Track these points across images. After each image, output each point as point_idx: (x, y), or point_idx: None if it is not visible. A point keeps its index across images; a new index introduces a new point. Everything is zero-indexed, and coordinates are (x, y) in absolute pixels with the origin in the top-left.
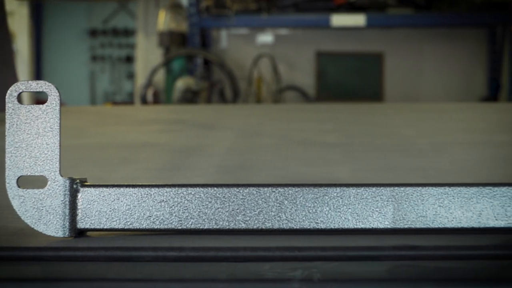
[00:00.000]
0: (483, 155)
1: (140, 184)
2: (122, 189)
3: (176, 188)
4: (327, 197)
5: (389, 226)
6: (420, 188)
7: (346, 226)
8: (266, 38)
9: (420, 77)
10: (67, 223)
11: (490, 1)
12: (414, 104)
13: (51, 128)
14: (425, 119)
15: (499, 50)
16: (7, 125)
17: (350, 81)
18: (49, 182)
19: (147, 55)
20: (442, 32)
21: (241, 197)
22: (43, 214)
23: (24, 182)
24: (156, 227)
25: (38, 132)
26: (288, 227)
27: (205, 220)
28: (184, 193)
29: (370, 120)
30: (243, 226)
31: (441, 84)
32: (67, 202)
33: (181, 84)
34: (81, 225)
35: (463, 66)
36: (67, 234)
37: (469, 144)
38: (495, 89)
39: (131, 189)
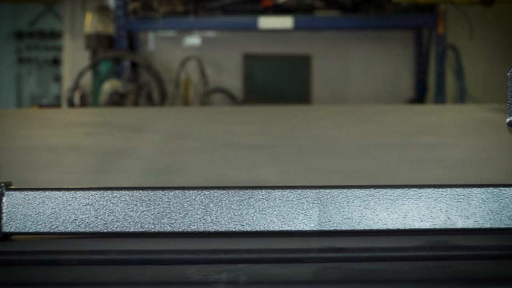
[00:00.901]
0: (409, 157)
1: (66, 187)
2: (47, 192)
3: (102, 191)
4: (252, 200)
5: (314, 228)
6: (346, 190)
7: (271, 229)
8: (193, 40)
9: (348, 79)
10: None
11: (416, 4)
12: (341, 106)
13: None
14: (352, 121)
15: (425, 52)
16: None
17: (277, 83)
18: None
19: (74, 58)
20: (369, 35)
21: (166, 200)
22: None
23: None
24: (81, 230)
25: None
26: (213, 230)
27: (131, 223)
28: (110, 196)
29: (297, 122)
30: (168, 229)
31: (368, 86)
32: None
33: (108, 86)
34: (6, 229)
35: (390, 69)
36: None
37: (395, 146)
38: (422, 91)
39: (56, 192)
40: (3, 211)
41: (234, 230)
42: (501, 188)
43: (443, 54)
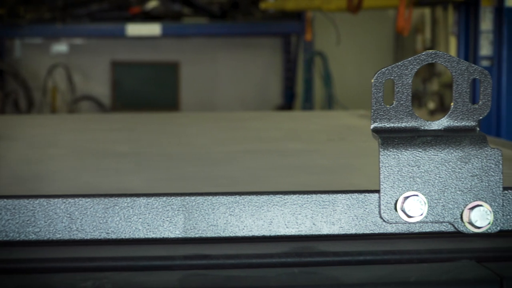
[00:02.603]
0: (275, 163)
1: None
2: None
3: None
4: (117, 207)
5: (180, 236)
6: (211, 197)
7: (137, 236)
8: (61, 47)
9: (216, 86)
10: None
11: (283, 11)
12: (209, 113)
13: None
14: (219, 128)
15: (293, 59)
16: None
17: (146, 90)
18: None
19: None
20: (237, 42)
21: (31, 208)
22: None
23: None
24: None
25: None
26: (79, 238)
27: None
28: None
29: (165, 129)
30: (33, 237)
31: (237, 93)
32: None
33: None
34: None
35: (258, 75)
36: None
37: (261, 153)
38: (290, 97)
39: None
40: None
41: (99, 238)
42: (366, 194)
43: (311, 61)
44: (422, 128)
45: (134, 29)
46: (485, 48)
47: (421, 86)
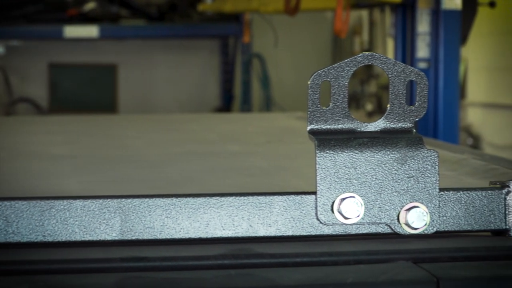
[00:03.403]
0: (212, 166)
1: None
2: None
3: None
4: (54, 210)
5: (116, 238)
6: (148, 199)
7: (73, 239)
8: None
9: (154, 88)
10: None
11: (221, 13)
12: (147, 115)
13: None
14: (157, 130)
15: (231, 61)
16: None
17: (84, 92)
18: None
19: None
20: (175, 44)
21: None
22: None
23: None
24: None
25: None
26: (15, 241)
27: None
28: None
29: (102, 132)
30: None
31: (175, 95)
32: None
33: None
34: None
35: (196, 77)
36: None
37: (199, 155)
38: (228, 99)
39: None
40: None
41: (35, 240)
42: (303, 196)
43: (249, 63)
44: (359, 129)
45: (72, 31)
46: (422, 50)
47: (359, 88)
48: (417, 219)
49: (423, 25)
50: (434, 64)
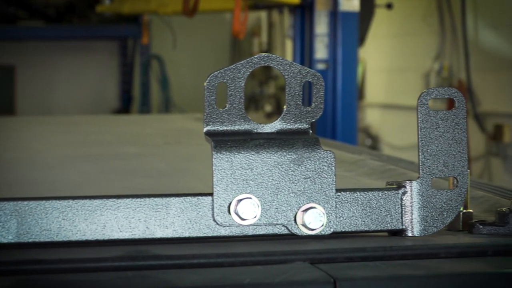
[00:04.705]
0: (110, 167)
1: None
2: None
3: None
4: None
5: (13, 241)
6: (44, 201)
7: None
8: None
9: (53, 90)
10: None
11: (120, 14)
12: (45, 117)
13: None
14: (55, 132)
15: (130, 62)
16: None
17: None
18: None
19: None
20: (74, 45)
21: None
22: None
23: None
24: None
25: None
26: None
27: None
28: None
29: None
30: None
31: (73, 97)
32: None
33: None
34: None
35: (95, 79)
36: None
37: (97, 157)
38: (127, 101)
39: None
40: None
41: None
42: (199, 197)
43: (148, 64)
44: (255, 131)
45: None
46: (321, 51)
47: (258, 89)
48: (314, 220)
49: (321, 27)
50: (332, 65)
